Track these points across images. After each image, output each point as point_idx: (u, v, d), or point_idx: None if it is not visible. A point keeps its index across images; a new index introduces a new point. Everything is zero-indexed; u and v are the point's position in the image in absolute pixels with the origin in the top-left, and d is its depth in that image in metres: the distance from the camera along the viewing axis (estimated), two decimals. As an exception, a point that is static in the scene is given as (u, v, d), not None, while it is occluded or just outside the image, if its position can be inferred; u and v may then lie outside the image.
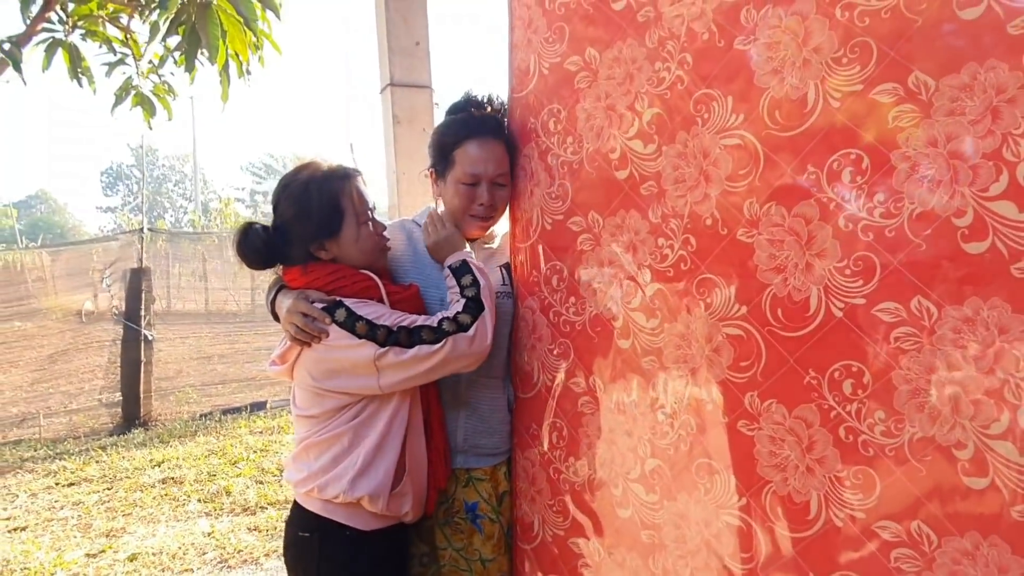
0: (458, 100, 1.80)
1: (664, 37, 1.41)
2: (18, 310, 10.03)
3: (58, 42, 3.21)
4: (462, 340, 1.55)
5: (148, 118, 3.57)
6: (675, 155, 1.39)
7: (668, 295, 1.42)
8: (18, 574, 3.83)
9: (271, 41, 3.19)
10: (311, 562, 1.63)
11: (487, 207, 1.73)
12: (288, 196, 1.62)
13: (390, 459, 1.58)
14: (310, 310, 1.55)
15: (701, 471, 1.38)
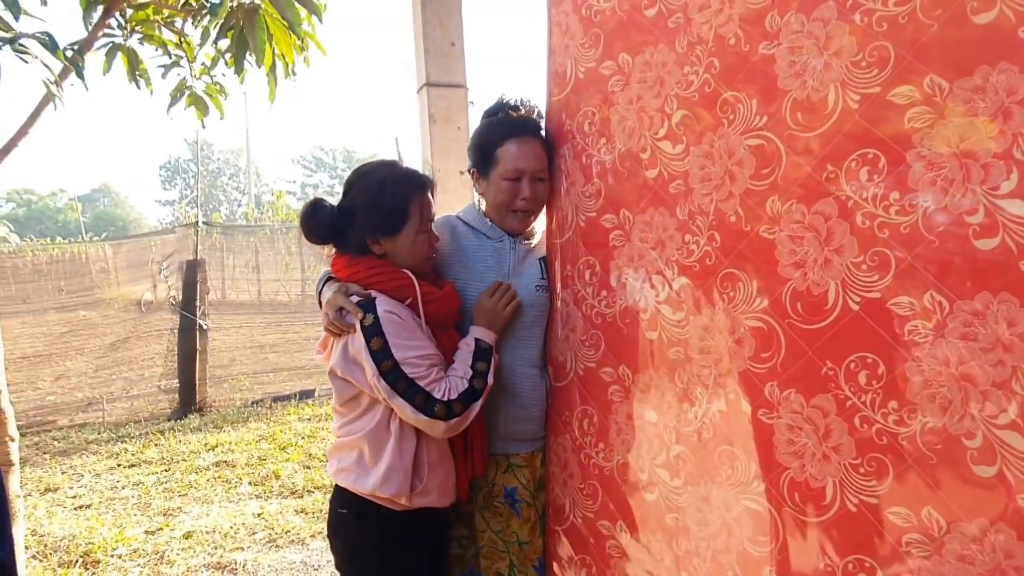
0: (493, 104, 1.90)
1: (693, 42, 1.47)
2: (83, 300, 10.47)
3: (117, 46, 3.35)
4: (438, 425, 1.61)
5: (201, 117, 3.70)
6: (702, 155, 1.46)
7: (693, 289, 1.48)
8: (83, 548, 4.04)
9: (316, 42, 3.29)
10: (348, 537, 1.74)
11: (529, 200, 1.81)
12: (363, 186, 1.73)
13: (407, 461, 1.66)
14: (346, 304, 1.65)
15: (723, 457, 1.44)
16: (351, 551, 1.74)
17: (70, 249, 12.14)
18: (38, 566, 3.84)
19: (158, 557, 3.95)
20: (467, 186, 2.93)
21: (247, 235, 11.80)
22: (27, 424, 6.85)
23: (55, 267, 11.41)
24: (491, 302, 1.77)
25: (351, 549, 1.74)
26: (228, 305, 10.46)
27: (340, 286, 1.71)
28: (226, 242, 10.63)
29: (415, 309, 1.69)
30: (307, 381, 8.11)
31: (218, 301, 9.47)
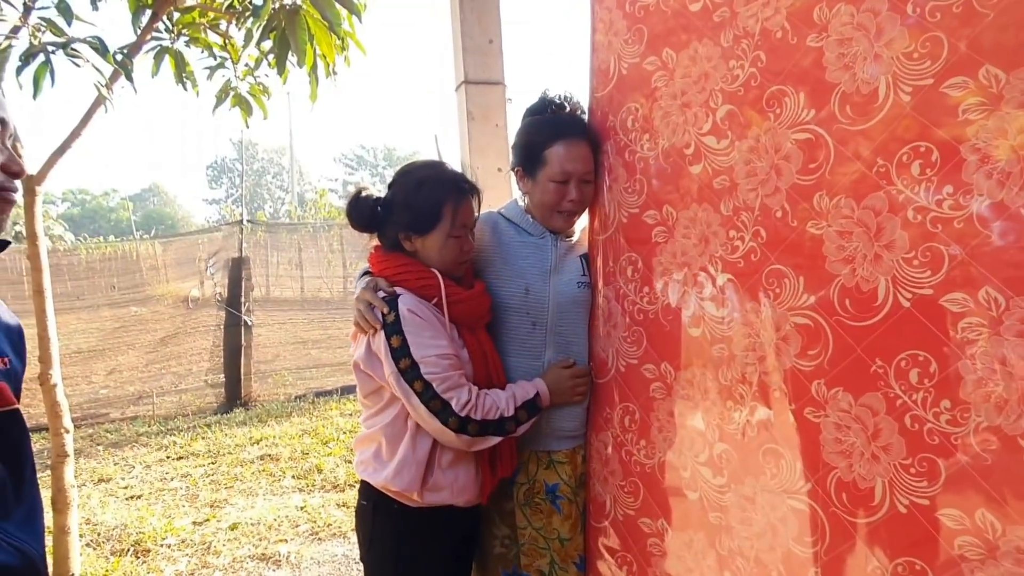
0: (536, 101, 1.89)
1: (739, 36, 1.45)
2: (134, 296, 10.76)
3: (165, 49, 3.43)
4: (447, 435, 1.62)
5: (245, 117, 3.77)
6: (747, 150, 1.44)
7: (738, 285, 1.46)
8: (134, 537, 4.17)
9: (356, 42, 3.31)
10: (367, 529, 1.77)
11: (576, 203, 1.80)
12: (404, 182, 1.76)
13: (420, 456, 1.67)
14: (374, 300, 1.67)
15: (767, 456, 1.42)
16: (368, 542, 1.78)
17: (122, 247, 12.47)
18: (92, 554, 3.96)
19: (205, 547, 4.05)
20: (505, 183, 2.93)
21: (290, 233, 12.00)
22: (81, 416, 7.08)
23: (108, 265, 11.74)
24: (571, 381, 1.79)
25: (368, 540, 1.77)
26: (272, 302, 10.66)
27: (370, 281, 1.74)
28: (270, 240, 10.81)
29: (440, 308, 1.70)
30: (349, 377, 8.20)
31: (262, 298, 9.66)
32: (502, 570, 1.90)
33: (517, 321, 1.83)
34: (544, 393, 1.75)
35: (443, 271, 1.72)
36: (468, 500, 1.75)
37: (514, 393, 1.72)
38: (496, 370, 1.77)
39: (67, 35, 2.74)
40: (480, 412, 1.63)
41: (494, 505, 1.86)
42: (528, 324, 1.83)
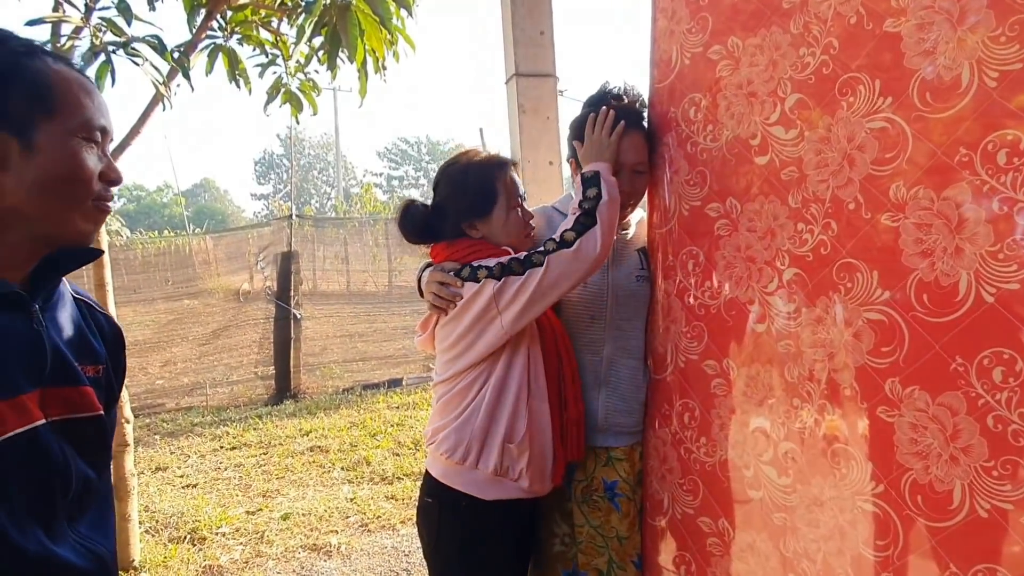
0: (595, 93, 1.86)
1: (809, 22, 1.40)
2: (187, 290, 11.01)
3: (219, 47, 3.51)
4: (563, 257, 1.60)
5: (296, 113, 3.82)
6: (818, 140, 1.39)
7: (807, 279, 1.42)
8: (191, 525, 4.27)
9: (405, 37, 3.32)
10: (433, 527, 1.75)
11: (627, 194, 1.78)
12: (448, 177, 1.77)
13: (508, 412, 1.65)
14: (445, 278, 1.67)
15: (837, 456, 1.38)
16: (435, 540, 1.76)
17: (175, 242, 12.78)
18: (151, 540, 4.08)
19: (259, 537, 4.13)
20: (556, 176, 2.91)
21: (336, 227, 12.14)
22: (139, 407, 7.29)
23: (162, 259, 12.02)
24: (594, 138, 1.75)
25: (435, 538, 1.76)
26: (319, 295, 10.80)
27: (438, 266, 1.74)
28: (317, 234, 10.96)
29: None
30: (395, 370, 8.30)
31: (310, 291, 9.78)
32: (561, 569, 1.87)
33: (575, 315, 1.82)
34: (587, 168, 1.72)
35: (513, 247, 1.73)
36: (540, 478, 1.71)
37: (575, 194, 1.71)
38: (565, 346, 1.76)
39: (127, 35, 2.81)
40: (561, 227, 1.65)
41: (554, 503, 1.84)
42: (587, 318, 1.82)
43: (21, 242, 1.01)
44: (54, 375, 1.02)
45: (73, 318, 1.12)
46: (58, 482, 1.02)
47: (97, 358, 1.14)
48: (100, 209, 1.05)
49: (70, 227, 1.03)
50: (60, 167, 0.98)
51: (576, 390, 1.77)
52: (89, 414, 1.07)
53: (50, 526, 1.01)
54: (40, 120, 0.97)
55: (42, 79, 0.98)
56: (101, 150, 1.03)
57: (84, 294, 1.21)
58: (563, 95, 3.01)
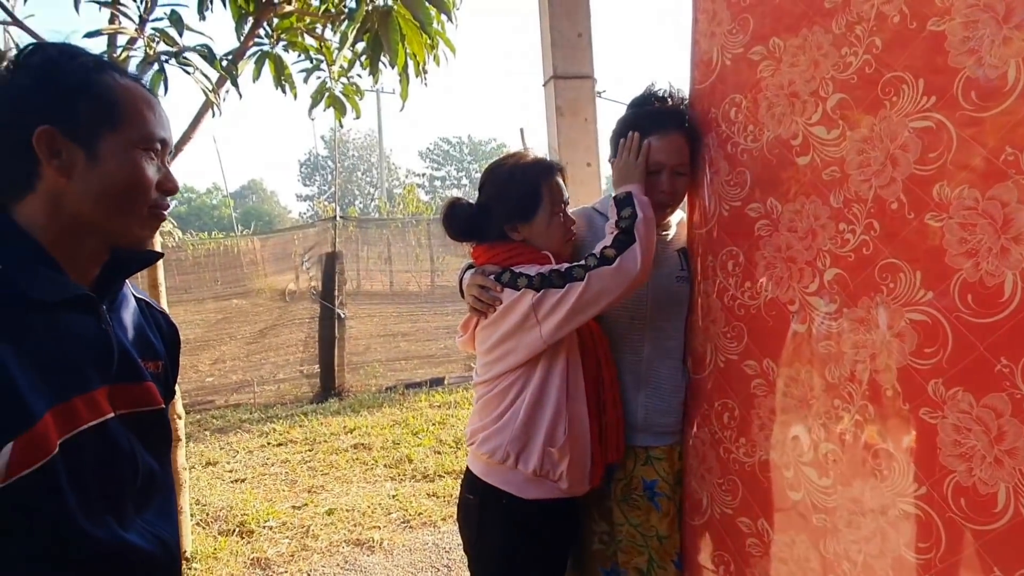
0: (640, 94, 1.87)
1: (852, 22, 1.40)
2: (235, 289, 11.26)
3: (266, 54, 3.59)
4: (604, 273, 1.61)
5: (339, 117, 3.88)
6: (860, 140, 1.39)
7: (848, 280, 1.41)
8: (239, 519, 4.39)
9: (445, 40, 3.35)
10: (474, 524, 1.78)
11: (668, 194, 1.79)
12: (494, 178, 1.80)
13: (548, 417, 1.67)
14: (485, 281, 1.70)
15: (878, 458, 1.37)
16: (475, 537, 1.79)
17: (224, 243, 13.06)
18: (201, 532, 4.20)
19: (304, 531, 4.22)
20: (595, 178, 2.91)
21: (380, 228, 12.30)
22: (190, 403, 7.49)
23: (212, 259, 12.29)
24: (621, 162, 1.78)
25: (475, 535, 1.79)
26: (363, 295, 10.94)
27: (479, 268, 1.77)
28: (360, 235, 11.11)
29: None
30: (437, 369, 8.36)
31: (354, 291, 9.92)
32: (600, 567, 1.88)
33: (615, 316, 1.82)
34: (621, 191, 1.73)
35: (554, 252, 1.74)
36: (579, 479, 1.73)
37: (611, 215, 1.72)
38: (604, 350, 1.77)
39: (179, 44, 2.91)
40: (600, 244, 1.66)
41: (593, 501, 1.85)
42: (626, 318, 1.83)
43: (88, 247, 1.06)
44: (121, 372, 1.08)
45: (135, 317, 1.19)
46: (127, 472, 1.08)
47: (157, 355, 1.21)
48: (156, 216, 1.10)
49: (128, 233, 1.08)
50: (121, 177, 1.03)
51: (615, 393, 1.78)
52: (152, 408, 1.14)
53: (120, 514, 1.07)
54: (105, 132, 1.02)
55: (109, 93, 1.03)
56: (160, 161, 1.08)
57: (143, 294, 1.26)
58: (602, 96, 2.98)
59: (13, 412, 0.93)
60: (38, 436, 0.95)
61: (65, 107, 1.00)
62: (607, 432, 1.77)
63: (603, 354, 1.77)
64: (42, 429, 0.95)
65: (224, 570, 3.76)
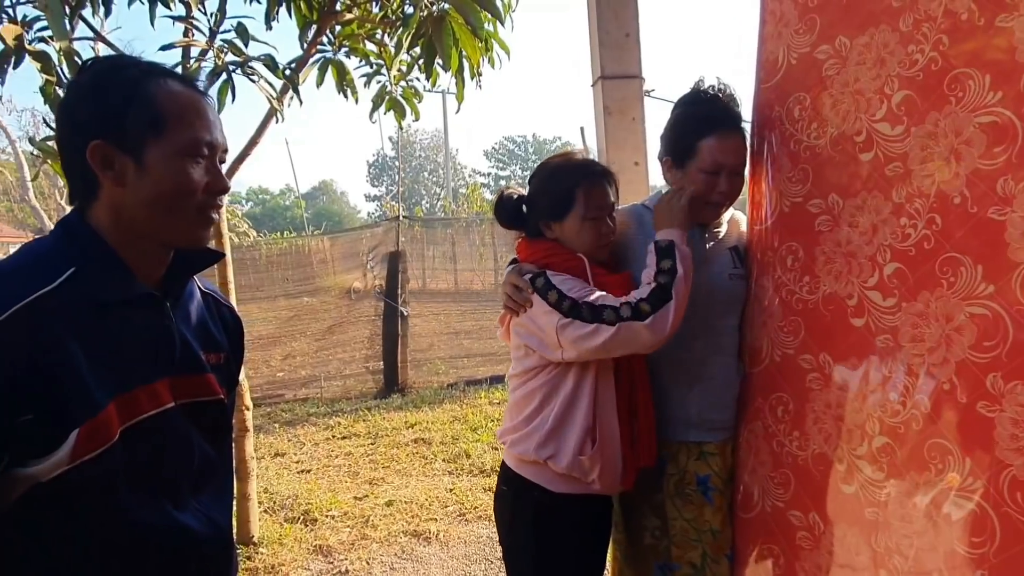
0: (689, 91, 1.88)
1: (919, 20, 1.41)
2: (306, 287, 11.60)
3: (328, 61, 3.72)
4: (636, 328, 1.63)
5: (399, 120, 3.98)
6: (924, 135, 1.40)
7: (908, 274, 1.42)
8: (304, 507, 4.56)
9: (500, 43, 3.42)
10: (507, 515, 1.84)
11: (725, 195, 1.81)
12: (539, 174, 1.87)
13: (578, 425, 1.70)
14: (519, 281, 1.76)
15: (933, 451, 1.37)
16: (508, 527, 1.84)
17: (295, 243, 13.47)
18: (268, 519, 4.38)
19: (364, 521, 4.36)
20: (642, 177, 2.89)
21: (444, 227, 12.50)
22: (261, 396, 7.78)
23: (283, 259, 12.68)
24: (664, 203, 1.79)
25: (508, 525, 1.84)
26: (427, 293, 11.14)
27: (515, 267, 1.83)
28: (425, 234, 11.31)
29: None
30: (497, 367, 8.42)
31: (419, 290, 10.11)
32: (654, 562, 1.88)
33: None
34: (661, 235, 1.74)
35: (586, 255, 1.77)
36: (610, 482, 1.76)
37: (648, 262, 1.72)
38: (637, 357, 1.77)
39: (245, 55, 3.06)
40: (642, 292, 1.66)
41: (643, 496, 1.87)
42: None
43: (150, 249, 1.13)
44: (182, 364, 1.16)
45: (200, 312, 1.25)
46: (184, 458, 1.16)
47: (219, 347, 1.28)
48: (205, 216, 1.13)
49: (179, 235, 1.13)
50: (166, 184, 1.07)
51: (646, 397, 1.79)
52: (211, 398, 1.22)
53: (176, 497, 1.15)
54: (150, 141, 1.06)
55: (154, 103, 1.07)
56: (209, 162, 1.12)
57: (212, 288, 1.34)
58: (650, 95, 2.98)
59: (80, 402, 1.00)
60: (102, 424, 1.02)
61: (114, 120, 1.05)
62: (639, 437, 1.78)
63: (635, 359, 1.77)
64: (105, 417, 1.02)
65: (288, 555, 3.92)
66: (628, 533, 1.94)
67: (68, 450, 0.99)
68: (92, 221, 1.09)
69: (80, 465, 1.00)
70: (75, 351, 1.01)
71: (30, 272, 1.03)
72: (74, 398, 1.00)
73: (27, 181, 20.85)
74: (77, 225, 1.10)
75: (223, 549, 1.24)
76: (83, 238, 1.09)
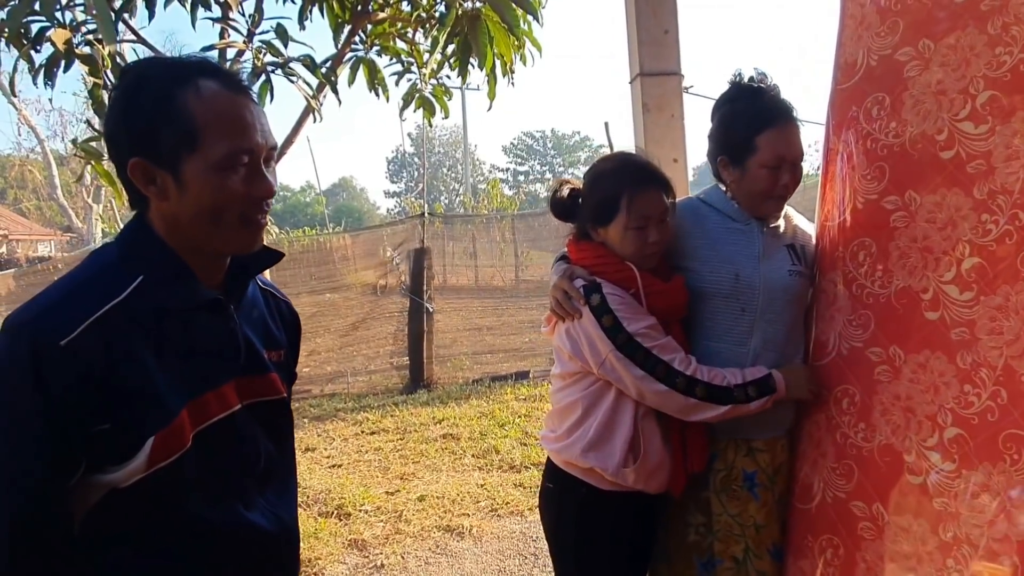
0: (730, 87, 1.88)
1: (1009, 23, 1.46)
2: (328, 284, 11.62)
3: (360, 60, 3.77)
4: (674, 397, 1.66)
5: (428, 117, 4.03)
6: (1010, 133, 1.44)
7: (987, 268, 1.46)
8: (337, 502, 4.62)
9: (532, 40, 3.43)
10: (554, 512, 1.86)
11: (787, 187, 1.80)
12: (590, 174, 1.85)
13: (621, 436, 1.71)
14: (571, 289, 1.74)
15: (1008, 442, 1.41)
16: (555, 523, 1.85)
17: (317, 240, 13.51)
18: (303, 514, 4.42)
19: (397, 515, 4.40)
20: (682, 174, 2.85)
21: (465, 223, 12.52)
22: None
23: (306, 256, 12.72)
24: (807, 378, 1.80)
25: (554, 523, 1.85)
26: (449, 289, 11.13)
27: (566, 270, 1.81)
28: (446, 230, 11.34)
29: (639, 299, 1.73)
30: (522, 363, 8.44)
31: (441, 285, 10.13)
32: (696, 558, 1.88)
33: (725, 307, 1.83)
34: (778, 378, 1.74)
35: (634, 262, 1.75)
36: (657, 487, 1.77)
37: (743, 370, 1.74)
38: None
39: (284, 55, 3.11)
40: (706, 375, 1.67)
41: (689, 493, 1.86)
42: (737, 310, 1.83)
43: (206, 255, 1.13)
44: (247, 365, 1.17)
45: (260, 311, 1.26)
46: (251, 458, 1.18)
47: (279, 344, 1.29)
48: (250, 223, 1.11)
49: (226, 244, 1.13)
50: (205, 199, 1.06)
51: None
52: (275, 397, 1.23)
53: (245, 496, 1.17)
54: (185, 155, 1.04)
55: (186, 115, 1.04)
56: (249, 168, 1.08)
57: (268, 283, 1.34)
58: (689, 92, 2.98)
59: (154, 410, 1.03)
60: (176, 431, 1.04)
61: (148, 137, 1.04)
62: (689, 440, 1.77)
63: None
64: (179, 424, 1.05)
65: (324, 549, 3.97)
66: (672, 530, 1.93)
67: (144, 457, 1.02)
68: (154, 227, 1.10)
69: (156, 471, 1.03)
70: (147, 360, 1.03)
71: (99, 284, 1.04)
72: (148, 407, 1.02)
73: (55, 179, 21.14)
74: (140, 232, 1.11)
75: (291, 545, 1.27)
76: (147, 246, 1.10)
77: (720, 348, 1.84)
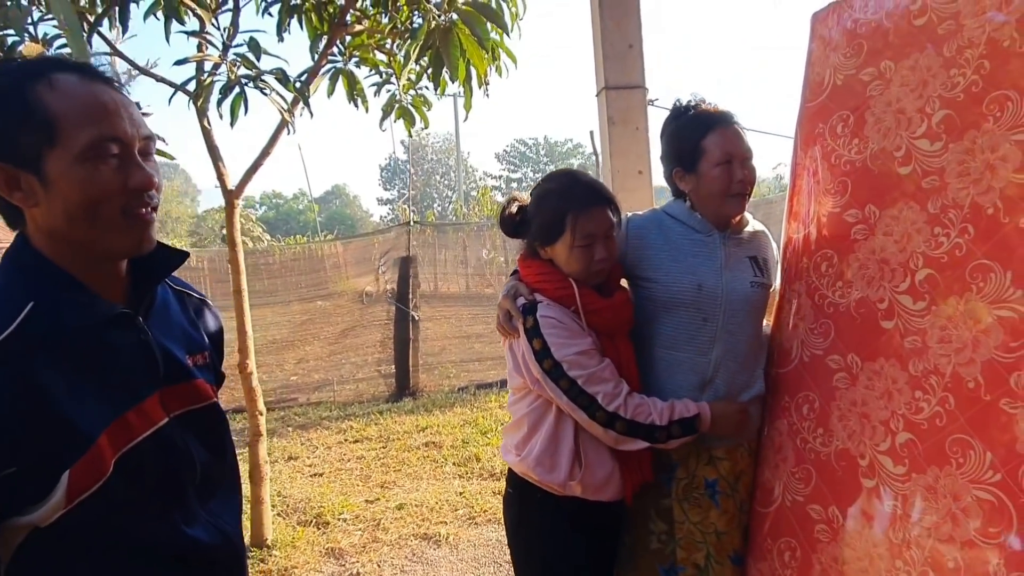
0: (674, 109, 1.93)
1: (963, 46, 1.53)
2: (319, 292, 11.62)
3: (339, 71, 3.81)
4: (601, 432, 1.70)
5: (408, 127, 4.05)
6: (962, 151, 1.51)
7: (939, 279, 1.52)
8: (316, 510, 4.62)
9: (506, 51, 3.48)
10: (512, 515, 1.90)
11: (745, 183, 1.84)
12: (535, 193, 1.85)
13: (565, 451, 1.74)
14: (512, 309, 1.78)
15: (955, 446, 1.46)
16: (513, 529, 1.89)
17: (308, 247, 13.52)
18: (281, 522, 4.44)
19: (375, 524, 4.41)
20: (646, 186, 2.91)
21: (456, 231, 12.56)
22: (275, 400, 7.83)
23: (297, 263, 12.72)
24: (738, 415, 1.83)
25: (514, 526, 1.89)
26: (439, 297, 11.12)
27: (511, 288, 1.84)
28: (437, 238, 11.36)
29: (579, 316, 1.75)
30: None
31: (430, 293, 10.12)
32: (658, 566, 1.89)
33: (688, 316, 1.86)
34: (705, 416, 1.76)
35: (577, 280, 1.76)
36: (608, 497, 1.80)
37: (673, 405, 1.75)
38: (632, 378, 1.80)
39: (257, 68, 3.15)
40: (629, 411, 1.69)
41: (651, 502, 1.89)
42: (699, 320, 1.85)
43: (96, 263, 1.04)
44: (168, 376, 1.10)
45: (175, 315, 1.19)
46: (185, 471, 1.12)
47: (201, 346, 1.22)
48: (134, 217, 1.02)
49: (113, 243, 1.03)
50: (75, 195, 0.97)
51: None
52: (205, 403, 1.17)
53: (185, 510, 1.11)
54: (46, 151, 0.96)
55: (40, 108, 0.96)
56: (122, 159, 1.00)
57: (180, 283, 1.27)
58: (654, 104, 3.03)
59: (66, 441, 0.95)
60: (93, 460, 0.96)
61: (3, 138, 0.96)
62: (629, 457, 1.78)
63: (631, 380, 1.79)
64: (96, 452, 0.97)
65: (301, 558, 3.97)
66: (633, 538, 1.94)
67: (62, 493, 0.94)
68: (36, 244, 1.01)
69: (80, 503, 0.96)
70: (53, 389, 0.94)
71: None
72: (59, 438, 0.94)
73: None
74: (23, 253, 1.02)
75: (234, 558, 1.21)
76: (33, 267, 1.01)
77: (682, 358, 1.87)
